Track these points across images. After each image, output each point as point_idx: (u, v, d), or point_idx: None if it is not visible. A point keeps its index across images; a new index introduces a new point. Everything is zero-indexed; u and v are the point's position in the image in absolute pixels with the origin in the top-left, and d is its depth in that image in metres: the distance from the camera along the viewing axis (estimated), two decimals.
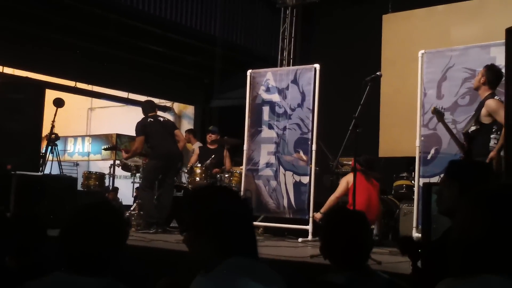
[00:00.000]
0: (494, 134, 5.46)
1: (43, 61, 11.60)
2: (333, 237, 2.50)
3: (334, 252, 2.47)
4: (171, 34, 11.66)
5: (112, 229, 2.11)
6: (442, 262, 2.38)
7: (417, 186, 6.45)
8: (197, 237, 2.03)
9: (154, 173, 7.75)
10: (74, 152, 15.73)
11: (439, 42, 8.29)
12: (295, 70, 7.79)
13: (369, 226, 2.59)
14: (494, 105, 5.45)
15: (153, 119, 7.88)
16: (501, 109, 5.29)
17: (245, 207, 2.12)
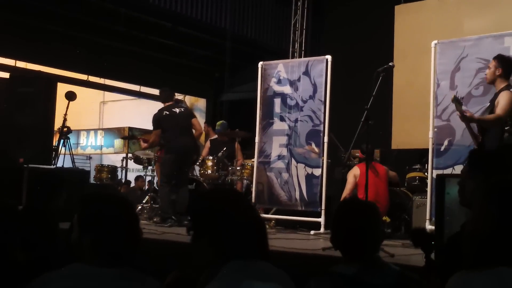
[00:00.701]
0: (508, 126, 5.41)
1: (55, 55, 11.66)
2: (342, 227, 2.49)
3: (343, 242, 2.46)
4: (182, 28, 11.67)
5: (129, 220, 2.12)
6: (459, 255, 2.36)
7: (430, 178, 6.39)
8: (198, 238, 2.04)
9: (170, 167, 7.69)
10: (87, 146, 15.81)
11: (452, 33, 8.20)
12: (306, 61, 7.74)
13: (380, 217, 2.56)
14: (503, 95, 5.43)
15: (168, 111, 7.77)
16: (508, 100, 5.35)
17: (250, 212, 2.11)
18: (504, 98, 5.43)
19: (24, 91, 6.77)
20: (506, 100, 5.40)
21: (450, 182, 4.08)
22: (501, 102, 5.42)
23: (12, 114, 6.73)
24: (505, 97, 5.43)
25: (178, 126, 7.66)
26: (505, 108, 5.37)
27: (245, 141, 9.02)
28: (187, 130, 7.78)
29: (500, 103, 5.42)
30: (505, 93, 5.47)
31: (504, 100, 5.41)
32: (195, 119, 8.00)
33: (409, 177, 7.90)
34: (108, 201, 2.16)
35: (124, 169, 9.86)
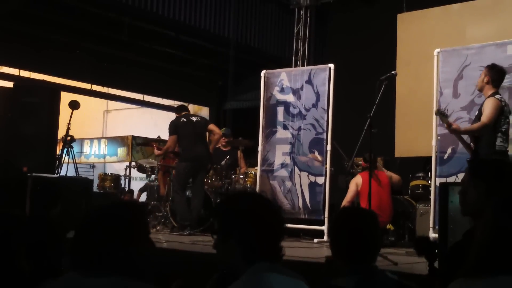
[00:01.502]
0: (499, 133, 5.46)
1: (59, 64, 11.69)
2: (339, 235, 2.49)
3: (340, 251, 2.46)
4: (185, 37, 11.70)
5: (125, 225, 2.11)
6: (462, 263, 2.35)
7: (434, 186, 6.39)
8: (224, 241, 2.06)
9: (184, 176, 7.75)
10: (91, 154, 15.82)
11: (455, 41, 8.22)
12: (309, 70, 7.76)
13: (378, 225, 2.55)
14: (488, 102, 5.50)
15: (185, 118, 7.85)
16: (493, 108, 5.40)
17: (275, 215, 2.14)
18: (489, 105, 5.48)
19: (28, 100, 6.79)
20: (490, 107, 5.45)
21: (454, 190, 4.07)
22: (486, 110, 5.47)
23: (16, 124, 6.75)
24: (489, 104, 5.48)
25: (194, 134, 7.74)
26: (489, 115, 5.42)
27: (248, 150, 9.03)
28: (202, 138, 7.90)
29: (485, 111, 5.47)
30: (489, 100, 5.52)
31: (488, 107, 5.47)
32: (212, 125, 8.17)
33: (412, 185, 7.90)
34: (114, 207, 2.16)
35: (128, 177, 9.87)
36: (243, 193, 2.30)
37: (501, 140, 5.46)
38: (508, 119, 5.53)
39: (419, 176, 7.91)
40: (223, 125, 11.69)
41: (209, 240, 6.31)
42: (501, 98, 5.53)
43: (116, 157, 15.29)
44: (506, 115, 5.51)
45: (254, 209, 2.08)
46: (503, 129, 5.47)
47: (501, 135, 5.46)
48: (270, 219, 2.09)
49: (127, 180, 10.15)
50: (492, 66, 5.71)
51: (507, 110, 5.52)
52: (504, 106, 5.48)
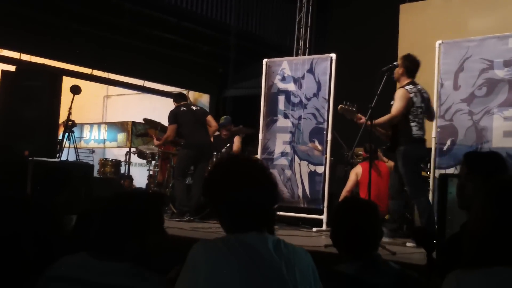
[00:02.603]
0: (414, 122, 5.69)
1: (60, 48, 11.66)
2: (342, 225, 2.51)
3: (342, 240, 2.48)
4: (186, 23, 11.68)
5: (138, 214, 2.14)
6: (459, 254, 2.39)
7: (433, 177, 6.42)
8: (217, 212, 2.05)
9: (186, 162, 7.82)
10: (90, 139, 15.83)
11: (456, 33, 8.21)
12: (311, 59, 7.77)
13: (378, 215, 2.58)
14: (397, 93, 5.78)
15: (185, 107, 7.91)
16: (401, 99, 5.67)
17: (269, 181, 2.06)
18: (397, 96, 5.75)
19: (30, 84, 6.78)
20: (398, 99, 5.71)
21: (453, 181, 4.10)
22: (395, 102, 5.74)
23: (18, 107, 6.75)
24: (397, 96, 5.76)
25: (195, 122, 7.78)
26: (397, 107, 5.68)
27: (248, 138, 9.04)
28: (203, 126, 7.90)
29: (394, 102, 5.73)
30: (398, 91, 5.82)
31: (397, 99, 5.73)
32: (210, 116, 8.17)
33: None
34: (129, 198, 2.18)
35: (128, 163, 9.89)
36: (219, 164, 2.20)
37: (417, 128, 5.73)
38: (420, 108, 5.75)
39: None
40: (223, 113, 11.70)
41: (209, 227, 6.37)
42: (411, 89, 5.74)
43: (115, 143, 15.31)
44: (417, 105, 5.73)
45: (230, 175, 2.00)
46: (416, 118, 5.72)
47: (415, 124, 5.71)
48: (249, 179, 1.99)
49: (127, 166, 10.16)
50: (406, 56, 5.97)
51: (418, 100, 5.73)
52: (414, 97, 5.70)
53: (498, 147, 6.00)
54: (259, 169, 2.05)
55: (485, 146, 6.14)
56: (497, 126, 6.13)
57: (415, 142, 5.72)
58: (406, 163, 5.72)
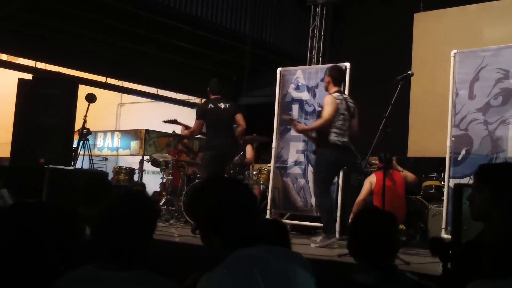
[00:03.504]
0: (334, 128, 6.05)
1: (75, 56, 11.78)
2: (360, 234, 2.50)
3: (360, 250, 2.47)
4: (201, 32, 11.74)
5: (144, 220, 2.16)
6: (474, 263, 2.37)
7: (447, 187, 6.39)
8: (205, 232, 2.10)
9: (211, 164, 7.42)
10: (104, 147, 15.93)
11: (471, 42, 8.20)
12: (325, 68, 7.75)
13: (397, 226, 2.57)
14: (325, 99, 6.18)
15: (213, 105, 7.49)
16: (329, 105, 6.06)
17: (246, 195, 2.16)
18: (326, 103, 6.14)
19: (47, 92, 6.85)
20: (327, 105, 6.10)
21: (468, 191, 4.08)
22: (324, 107, 6.14)
23: (35, 115, 6.82)
24: (325, 102, 6.17)
25: (219, 123, 7.44)
26: (328, 112, 6.07)
27: (262, 146, 9.05)
28: (228, 127, 7.52)
29: (324, 108, 6.14)
30: (326, 97, 6.23)
31: (326, 105, 6.14)
32: (239, 115, 7.65)
33: (425, 186, 7.90)
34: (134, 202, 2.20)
35: (141, 171, 9.92)
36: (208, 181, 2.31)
37: (335, 134, 6.07)
38: (343, 115, 6.10)
39: (432, 176, 7.91)
40: None
41: None
42: (338, 96, 6.11)
43: (129, 150, 15.39)
44: (340, 112, 6.10)
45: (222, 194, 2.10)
46: (337, 124, 6.08)
47: (336, 130, 6.07)
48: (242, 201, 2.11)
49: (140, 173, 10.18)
50: (332, 67, 6.50)
51: (342, 107, 6.09)
52: (340, 104, 6.07)
53: None
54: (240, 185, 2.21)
55: (501, 156, 6.10)
56: None
57: (330, 147, 6.08)
58: (317, 164, 6.29)
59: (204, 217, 2.09)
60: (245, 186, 2.25)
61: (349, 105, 6.22)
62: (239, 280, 1.88)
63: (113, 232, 2.09)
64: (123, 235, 2.08)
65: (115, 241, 2.08)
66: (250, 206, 2.15)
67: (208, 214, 2.07)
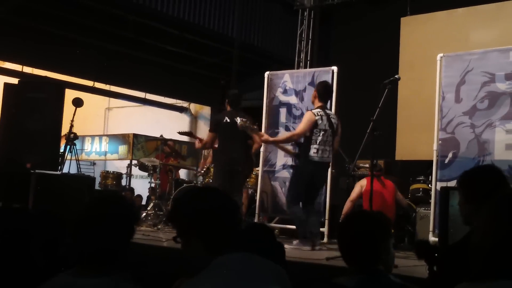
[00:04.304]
0: (314, 144, 6.10)
1: (62, 60, 11.72)
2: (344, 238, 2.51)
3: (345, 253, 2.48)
4: (189, 35, 11.73)
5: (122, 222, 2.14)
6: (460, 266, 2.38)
7: (434, 190, 6.42)
8: (187, 240, 2.13)
9: (223, 178, 7.10)
10: (91, 152, 15.85)
11: (458, 45, 8.25)
12: (312, 72, 7.79)
13: (386, 229, 2.57)
14: (305, 114, 6.30)
15: (230, 119, 7.09)
16: (305, 121, 6.14)
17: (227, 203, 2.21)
18: (304, 118, 6.25)
19: (34, 96, 6.80)
20: (304, 120, 6.21)
21: (454, 194, 4.10)
22: (301, 122, 6.26)
23: (22, 119, 6.77)
24: (304, 118, 6.26)
25: (233, 138, 7.04)
26: (300, 127, 6.21)
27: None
28: (241, 142, 7.14)
29: (300, 123, 6.27)
30: (306, 114, 6.32)
31: (303, 120, 6.25)
32: None
33: (413, 189, 7.93)
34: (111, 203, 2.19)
35: (129, 175, 9.89)
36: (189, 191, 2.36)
37: (314, 151, 6.11)
38: (324, 131, 6.14)
39: (420, 179, 7.94)
40: None
41: None
42: (318, 113, 6.16)
43: (117, 155, 15.32)
44: (320, 128, 6.14)
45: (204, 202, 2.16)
46: (317, 140, 6.11)
47: (315, 146, 6.11)
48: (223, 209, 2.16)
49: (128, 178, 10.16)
50: (320, 83, 6.56)
51: (322, 123, 6.13)
52: (319, 120, 6.11)
53: (500, 160, 6.01)
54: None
55: (487, 159, 6.14)
56: (499, 139, 6.13)
57: (310, 163, 6.11)
58: (295, 174, 6.37)
59: (187, 222, 2.13)
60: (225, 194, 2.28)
61: (332, 121, 6.24)
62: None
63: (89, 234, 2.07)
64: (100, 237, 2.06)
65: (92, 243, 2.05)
66: (232, 212, 2.20)
67: (190, 220, 2.11)
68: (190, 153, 14.43)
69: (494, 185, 2.67)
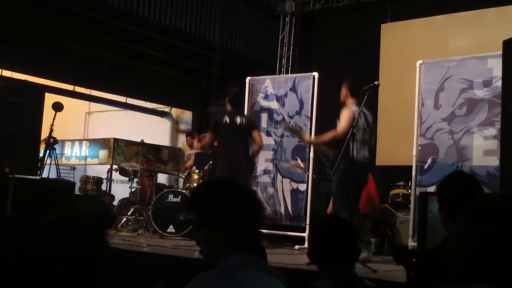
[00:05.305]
0: (354, 143, 5.77)
1: (42, 64, 11.61)
2: (320, 242, 2.53)
3: (321, 258, 2.50)
4: (170, 40, 11.70)
5: None
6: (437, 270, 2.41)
7: (414, 195, 6.48)
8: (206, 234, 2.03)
9: None
10: (71, 156, 15.71)
11: (437, 52, 8.34)
12: (293, 77, 7.83)
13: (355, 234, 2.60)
14: (343, 112, 5.98)
15: (230, 119, 6.99)
16: (345, 119, 5.86)
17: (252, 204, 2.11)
18: (343, 116, 5.94)
19: (13, 100, 6.74)
20: (344, 118, 5.89)
21: (433, 199, 4.14)
22: (340, 120, 5.93)
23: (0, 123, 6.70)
24: (343, 115, 5.94)
25: (233, 139, 6.97)
26: (342, 125, 5.87)
27: None
28: (241, 143, 7.03)
29: (340, 121, 5.92)
30: (344, 111, 5.98)
31: (342, 118, 5.92)
32: (256, 132, 7.14)
33: (392, 194, 8.00)
34: None
35: (109, 180, 9.83)
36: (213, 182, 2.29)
37: (355, 149, 5.84)
38: (362, 129, 5.95)
39: (400, 185, 8.01)
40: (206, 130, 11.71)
41: (191, 244, 6.35)
42: (356, 110, 5.87)
43: (97, 159, 15.20)
44: (360, 125, 5.91)
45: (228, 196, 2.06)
46: (356, 138, 5.84)
47: (356, 145, 5.84)
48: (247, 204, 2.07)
49: (109, 183, 10.09)
50: (348, 80, 6.19)
51: (361, 121, 5.91)
52: (358, 118, 5.81)
53: (479, 166, 6.09)
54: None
55: (466, 164, 6.22)
56: (477, 145, 6.21)
57: (352, 163, 5.81)
58: (339, 179, 5.93)
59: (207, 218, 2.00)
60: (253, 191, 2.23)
61: (368, 118, 6.04)
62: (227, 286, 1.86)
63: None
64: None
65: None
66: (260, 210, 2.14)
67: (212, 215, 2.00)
68: (171, 157, 14.39)
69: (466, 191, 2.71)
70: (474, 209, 1.81)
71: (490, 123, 6.16)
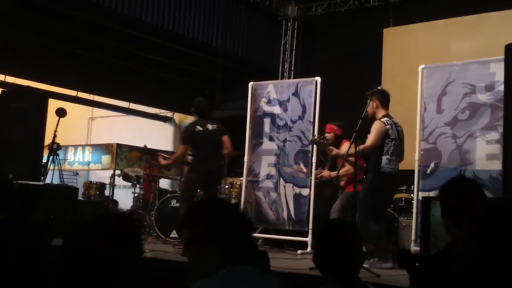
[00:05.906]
0: (386, 154, 5.76)
1: (45, 70, 11.64)
2: (325, 246, 2.53)
3: (325, 262, 2.50)
4: (173, 45, 11.72)
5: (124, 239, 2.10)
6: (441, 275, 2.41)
7: (416, 199, 6.48)
8: (199, 248, 2.08)
9: (193, 188, 7.26)
10: (74, 161, 15.73)
11: (439, 56, 8.35)
12: (296, 82, 7.84)
13: (361, 238, 2.61)
14: (374, 124, 5.86)
15: (202, 127, 7.18)
16: (377, 132, 5.75)
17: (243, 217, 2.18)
18: (374, 129, 5.83)
19: (16, 106, 6.76)
20: (375, 131, 5.79)
21: (436, 204, 4.14)
22: (371, 133, 5.81)
23: (4, 129, 6.72)
24: (374, 128, 5.83)
25: (208, 146, 7.11)
26: (372, 139, 5.77)
27: (234, 160, 9.05)
28: (216, 149, 7.20)
29: (371, 134, 5.80)
30: (375, 123, 5.86)
31: (373, 131, 5.81)
32: (226, 137, 7.27)
33: (395, 198, 7.97)
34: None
35: (112, 186, 9.84)
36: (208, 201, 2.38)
37: (386, 162, 5.79)
38: (395, 141, 5.84)
39: (402, 189, 7.99)
40: None
41: None
42: (387, 121, 5.83)
43: (100, 165, 15.22)
44: (392, 137, 5.84)
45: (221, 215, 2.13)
46: (389, 151, 5.80)
47: (387, 157, 5.78)
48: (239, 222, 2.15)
49: (111, 188, 10.10)
50: (375, 91, 5.98)
51: (393, 132, 5.83)
52: (389, 129, 5.79)
53: (482, 170, 6.09)
54: None
55: (469, 169, 6.21)
56: (480, 149, 6.21)
57: (382, 175, 5.82)
58: (367, 188, 5.85)
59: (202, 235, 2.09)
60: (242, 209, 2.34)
61: (398, 129, 5.98)
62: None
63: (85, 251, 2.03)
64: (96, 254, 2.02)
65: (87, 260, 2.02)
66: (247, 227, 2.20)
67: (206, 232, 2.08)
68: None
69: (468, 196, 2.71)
70: (476, 213, 1.81)
71: (493, 127, 6.16)
